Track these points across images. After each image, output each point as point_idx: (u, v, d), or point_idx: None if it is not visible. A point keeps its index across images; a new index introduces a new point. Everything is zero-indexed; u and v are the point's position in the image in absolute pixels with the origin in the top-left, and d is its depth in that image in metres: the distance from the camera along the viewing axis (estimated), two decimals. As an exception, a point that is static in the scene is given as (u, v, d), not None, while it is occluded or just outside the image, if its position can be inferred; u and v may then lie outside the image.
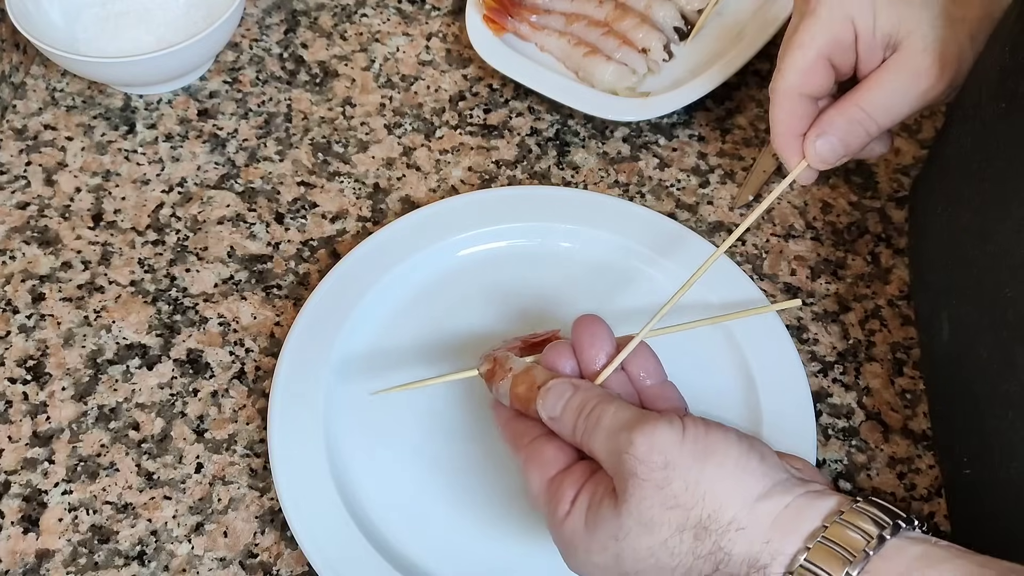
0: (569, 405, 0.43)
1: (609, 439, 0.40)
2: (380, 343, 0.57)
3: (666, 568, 0.38)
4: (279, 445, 0.52)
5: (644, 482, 0.38)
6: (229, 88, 0.69)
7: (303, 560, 0.50)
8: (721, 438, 0.38)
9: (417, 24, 0.73)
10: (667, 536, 0.38)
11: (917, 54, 0.47)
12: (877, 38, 0.48)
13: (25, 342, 0.57)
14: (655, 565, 0.38)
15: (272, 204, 0.64)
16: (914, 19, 0.47)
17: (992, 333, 0.46)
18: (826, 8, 0.48)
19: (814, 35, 0.48)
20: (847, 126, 0.48)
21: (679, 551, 0.38)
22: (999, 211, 0.46)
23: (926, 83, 0.48)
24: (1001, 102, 0.47)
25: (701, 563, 0.37)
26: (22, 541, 0.51)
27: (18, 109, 0.68)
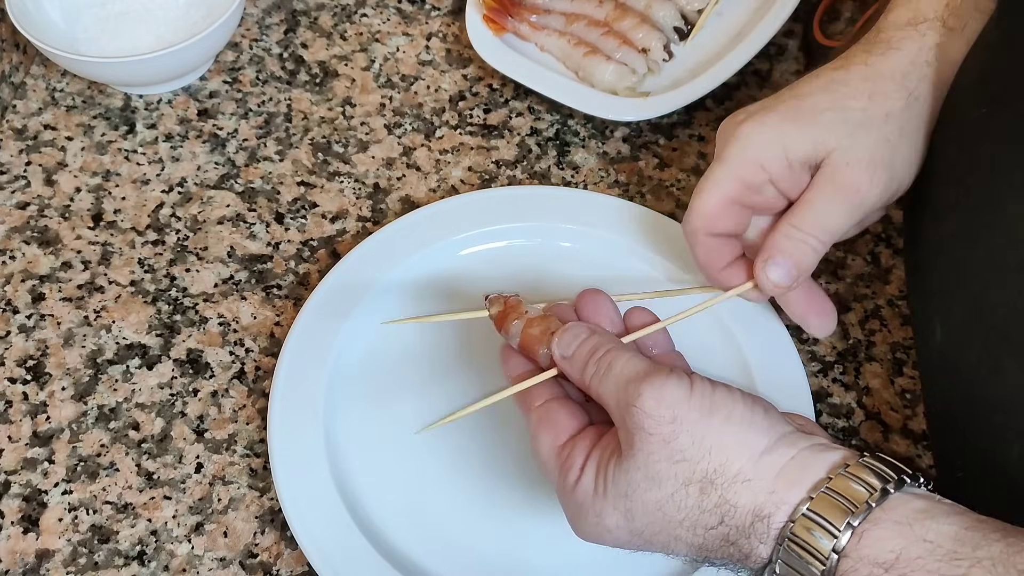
0: (583, 346, 0.43)
1: (618, 388, 0.40)
2: (380, 343, 0.57)
3: (673, 521, 0.39)
4: (279, 445, 0.51)
5: (651, 436, 0.38)
6: (229, 88, 0.69)
7: (303, 560, 0.50)
8: (727, 394, 0.39)
9: (417, 24, 0.73)
10: (674, 490, 0.38)
11: (841, 169, 0.45)
12: (795, 168, 0.46)
13: (25, 342, 0.57)
14: (663, 519, 0.39)
15: (272, 204, 0.64)
16: (829, 137, 0.46)
17: (980, 337, 0.46)
18: (733, 153, 0.47)
19: (719, 181, 0.47)
20: (793, 247, 0.47)
21: (685, 504, 0.38)
22: (984, 216, 0.46)
23: (858, 195, 0.46)
24: (982, 107, 0.47)
25: (707, 516, 0.38)
26: (22, 541, 0.51)
27: (18, 109, 0.68)
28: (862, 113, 0.46)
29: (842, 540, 0.35)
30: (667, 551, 0.40)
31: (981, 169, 0.47)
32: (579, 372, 0.43)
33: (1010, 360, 0.43)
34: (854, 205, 0.46)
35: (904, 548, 0.35)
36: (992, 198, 0.45)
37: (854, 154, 0.45)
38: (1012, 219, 0.43)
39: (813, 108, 0.46)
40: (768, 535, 0.37)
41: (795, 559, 0.36)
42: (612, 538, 0.40)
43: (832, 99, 0.46)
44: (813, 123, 0.46)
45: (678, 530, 0.39)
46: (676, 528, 0.39)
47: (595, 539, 0.41)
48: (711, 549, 0.39)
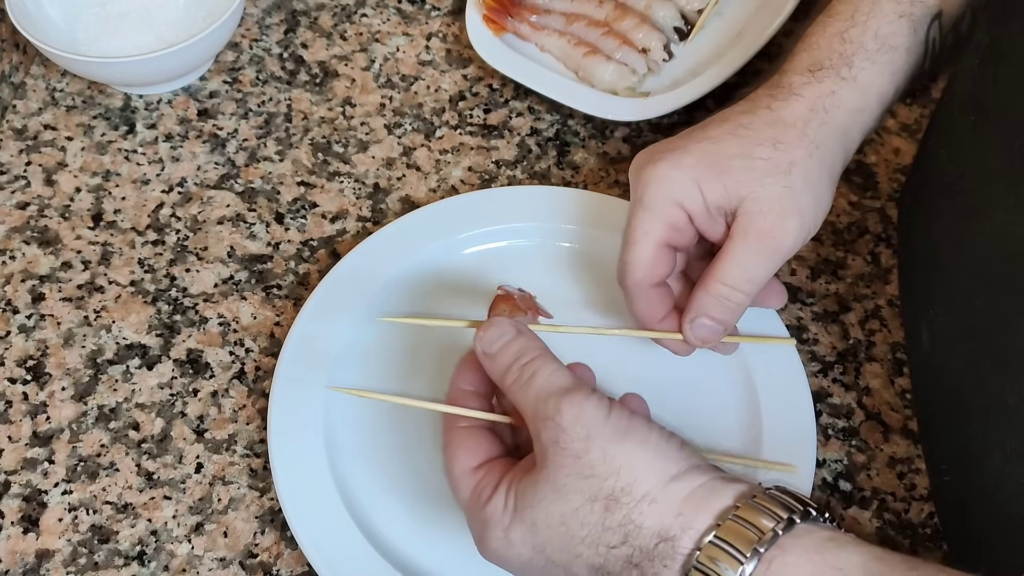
0: (509, 347, 0.43)
1: (538, 400, 0.40)
2: (380, 343, 0.57)
3: (576, 538, 0.38)
4: (279, 445, 0.51)
5: (564, 450, 0.39)
6: (229, 88, 0.69)
7: (303, 560, 0.50)
8: (643, 423, 0.40)
9: (417, 24, 0.73)
10: (579, 505, 0.38)
11: (755, 217, 0.46)
12: (711, 212, 0.47)
13: (25, 342, 0.57)
14: (565, 534, 0.39)
15: (272, 204, 0.64)
16: (740, 184, 0.46)
17: (964, 344, 0.46)
18: (652, 196, 0.47)
19: (648, 229, 0.47)
20: (717, 304, 0.47)
21: (589, 520, 0.38)
22: (971, 224, 0.46)
23: (772, 243, 0.46)
24: (971, 115, 0.47)
25: (610, 534, 0.38)
26: (22, 541, 0.51)
27: (18, 109, 0.68)
28: (767, 162, 0.46)
29: (748, 568, 0.35)
30: (568, 571, 0.39)
31: (968, 177, 0.47)
32: (500, 374, 0.42)
33: (991, 368, 0.43)
34: (771, 251, 0.46)
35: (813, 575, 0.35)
36: (978, 206, 0.45)
37: (765, 203, 0.46)
38: (997, 228, 0.43)
39: (724, 154, 0.47)
40: (674, 560, 0.37)
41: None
42: (515, 554, 0.40)
43: (740, 145, 0.47)
44: (725, 170, 0.46)
45: (580, 547, 0.38)
46: (578, 545, 0.38)
47: (500, 555, 0.41)
48: (613, 573, 0.38)
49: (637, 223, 0.48)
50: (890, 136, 0.68)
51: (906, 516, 0.53)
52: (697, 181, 0.46)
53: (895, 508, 0.53)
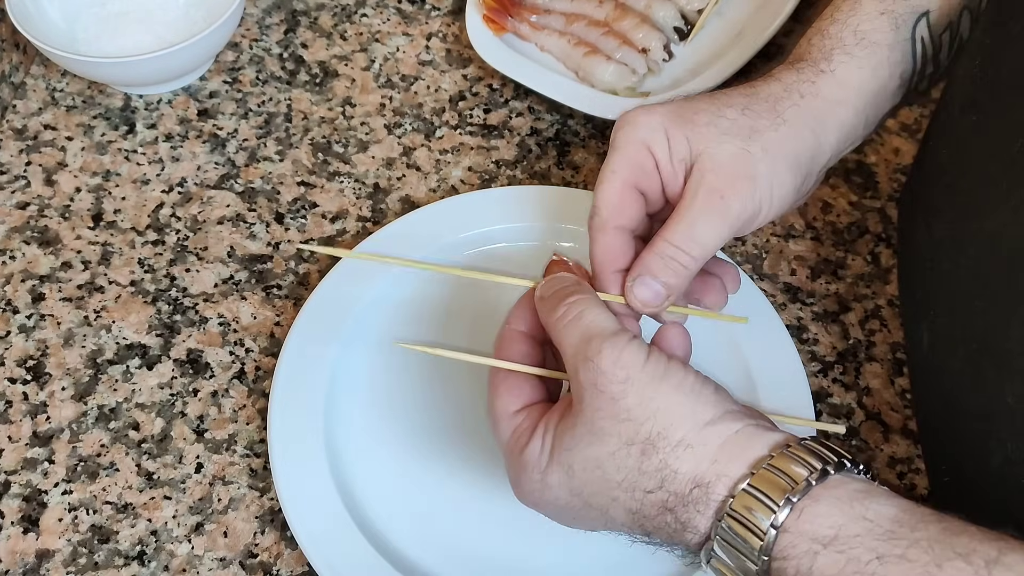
0: (560, 291, 0.44)
1: (580, 339, 0.41)
2: (380, 343, 0.57)
3: (612, 481, 0.39)
4: (279, 445, 0.51)
5: (601, 393, 0.39)
6: (229, 88, 0.69)
7: (303, 560, 0.50)
8: (680, 368, 0.40)
9: (417, 24, 0.73)
10: (615, 448, 0.39)
11: (707, 174, 0.46)
12: (675, 163, 0.47)
13: (25, 342, 0.57)
14: (601, 477, 0.39)
15: (272, 204, 0.64)
16: (701, 139, 0.46)
17: (963, 344, 0.46)
18: (623, 138, 0.47)
19: (616, 167, 0.47)
20: (662, 263, 0.46)
21: (625, 464, 0.39)
22: (971, 224, 0.46)
23: (720, 203, 0.46)
24: (972, 115, 0.47)
25: (646, 479, 0.38)
26: (22, 541, 0.51)
27: (18, 109, 0.68)
28: (731, 123, 0.47)
29: (780, 516, 0.36)
30: (604, 518, 0.40)
31: (969, 177, 0.47)
32: (549, 313, 0.43)
33: (991, 370, 0.43)
34: (720, 212, 0.46)
35: (843, 525, 0.35)
36: (978, 207, 0.45)
37: (719, 160, 0.46)
38: (997, 228, 0.43)
39: (693, 109, 0.47)
40: (707, 506, 0.37)
41: (733, 535, 0.37)
42: (552, 497, 0.41)
43: (710, 105, 0.47)
44: (689, 123, 0.47)
45: (616, 491, 0.39)
46: (614, 489, 0.39)
47: (536, 499, 0.42)
48: (648, 516, 0.39)
49: (607, 163, 0.48)
50: (890, 136, 0.68)
51: (906, 516, 0.53)
52: (665, 128, 0.47)
53: (895, 508, 0.53)
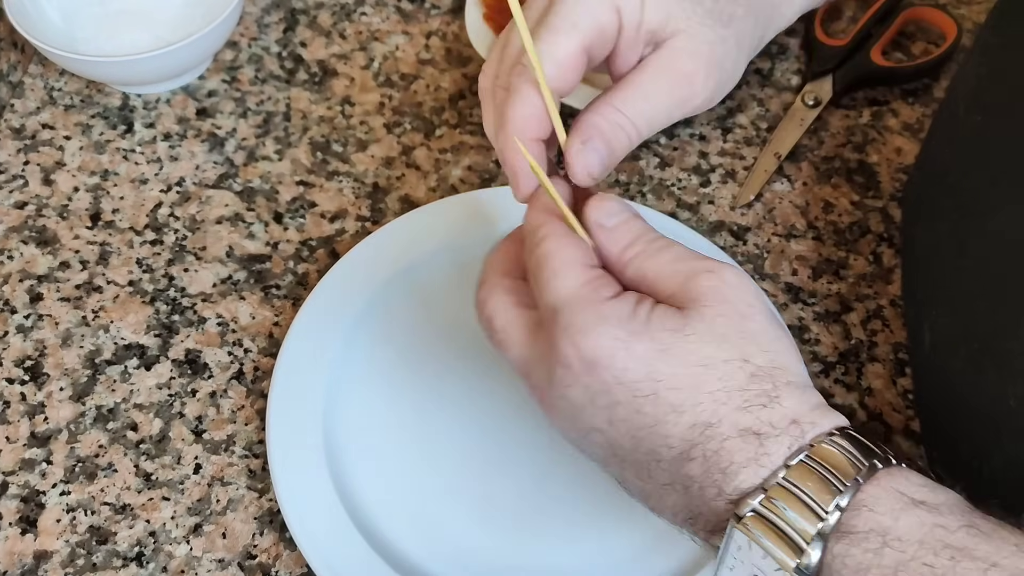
0: (631, 222, 0.39)
1: (686, 261, 0.37)
2: (379, 343, 0.56)
3: (708, 384, 0.35)
4: (278, 446, 0.51)
5: (727, 302, 0.35)
6: (228, 87, 0.69)
7: (302, 561, 0.50)
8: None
9: (416, 23, 0.73)
10: (729, 358, 0.35)
11: (681, 56, 0.41)
12: (641, 33, 0.41)
13: (23, 342, 0.57)
14: (699, 376, 0.35)
15: (271, 203, 0.63)
16: (683, 16, 0.42)
17: (965, 345, 0.46)
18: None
19: (576, 20, 0.40)
20: (610, 130, 0.41)
21: (731, 376, 0.35)
22: (974, 224, 0.46)
23: (687, 89, 0.42)
24: (977, 115, 0.47)
25: (748, 397, 0.35)
26: (20, 542, 0.51)
27: (16, 108, 0.67)
28: (714, 5, 0.43)
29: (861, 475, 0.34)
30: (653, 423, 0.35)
31: (974, 177, 0.47)
32: (621, 247, 0.38)
33: (993, 371, 0.43)
34: (682, 99, 0.42)
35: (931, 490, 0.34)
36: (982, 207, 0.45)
37: (697, 45, 0.42)
38: (1000, 229, 0.43)
39: None
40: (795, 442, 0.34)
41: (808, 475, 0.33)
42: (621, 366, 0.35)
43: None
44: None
45: (704, 396, 0.34)
46: (704, 392, 0.34)
47: (597, 357, 0.35)
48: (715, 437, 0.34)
49: (566, 12, 0.40)
50: (892, 135, 0.67)
51: (908, 517, 0.53)
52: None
53: (897, 509, 0.53)
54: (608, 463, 0.38)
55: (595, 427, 0.36)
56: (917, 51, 0.72)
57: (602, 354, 0.35)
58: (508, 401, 0.55)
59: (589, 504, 0.51)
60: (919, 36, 0.73)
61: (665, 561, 0.49)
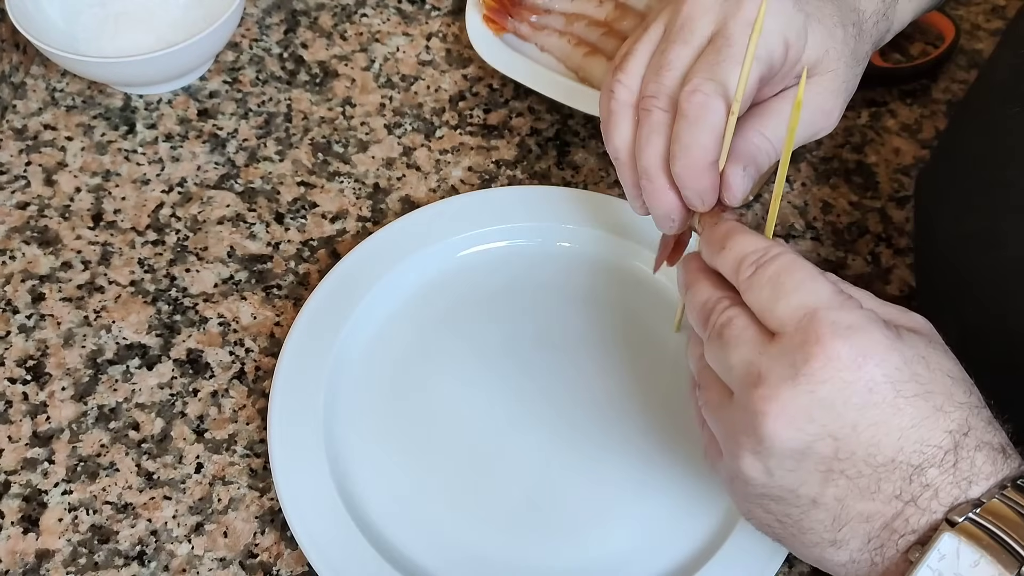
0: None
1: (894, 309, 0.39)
2: (380, 343, 0.57)
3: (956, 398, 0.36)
4: (279, 445, 0.51)
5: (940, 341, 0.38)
6: (229, 88, 0.69)
7: (303, 560, 0.50)
8: None
9: (417, 24, 0.73)
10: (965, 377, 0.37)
11: (826, 94, 0.43)
12: (797, 67, 0.43)
13: (25, 342, 0.57)
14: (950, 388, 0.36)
15: (272, 204, 0.64)
16: (836, 56, 0.43)
17: (996, 341, 0.46)
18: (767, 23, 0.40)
19: (760, 54, 0.41)
20: (760, 156, 0.42)
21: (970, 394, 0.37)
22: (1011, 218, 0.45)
23: (825, 122, 0.44)
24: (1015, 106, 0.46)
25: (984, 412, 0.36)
26: (22, 541, 0.51)
27: (18, 109, 0.68)
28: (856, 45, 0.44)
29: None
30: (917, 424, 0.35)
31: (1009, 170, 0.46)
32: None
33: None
34: (818, 130, 0.44)
35: None
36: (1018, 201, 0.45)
37: (839, 84, 0.43)
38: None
39: (826, 12, 0.43)
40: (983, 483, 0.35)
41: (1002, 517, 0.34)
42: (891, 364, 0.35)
43: (837, 11, 0.43)
44: (831, 29, 0.42)
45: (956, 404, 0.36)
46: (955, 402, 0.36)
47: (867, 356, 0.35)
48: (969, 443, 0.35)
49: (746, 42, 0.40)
50: (890, 136, 0.68)
51: (906, 516, 0.53)
52: (806, 25, 0.41)
53: (895, 508, 0.53)
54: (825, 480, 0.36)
55: (832, 432, 0.35)
56: (915, 52, 0.72)
57: (876, 349, 0.35)
58: (508, 400, 0.55)
59: (589, 503, 0.51)
60: (917, 37, 0.73)
61: (665, 561, 0.50)
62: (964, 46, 0.72)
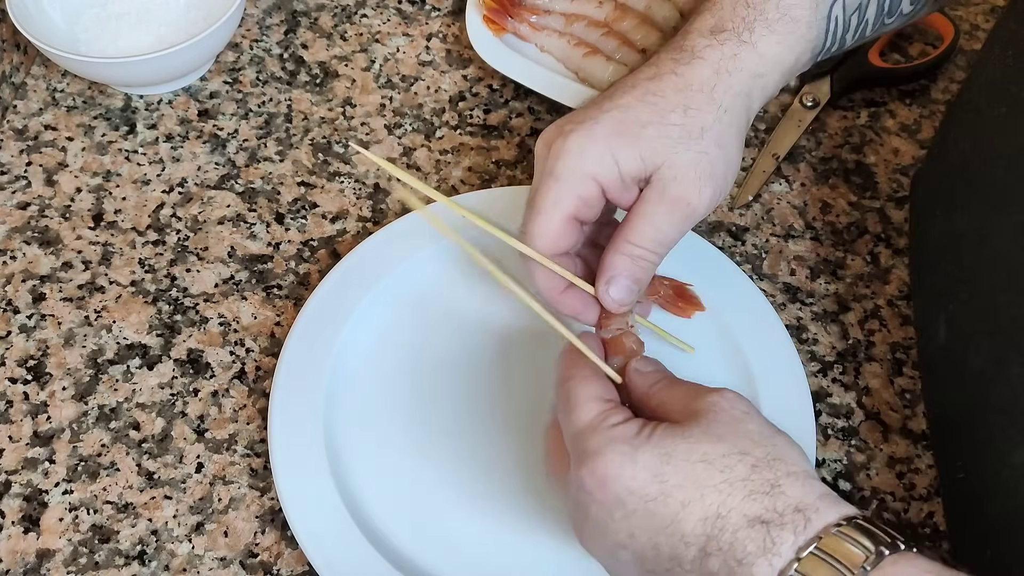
0: (659, 370, 0.45)
1: (691, 389, 0.42)
2: (380, 343, 0.57)
3: (711, 477, 0.38)
4: (279, 445, 0.52)
5: (724, 411, 0.39)
6: (229, 88, 0.69)
7: (303, 560, 0.50)
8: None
9: (417, 24, 0.73)
10: (728, 452, 0.38)
11: (670, 184, 0.46)
12: (626, 181, 0.47)
13: (26, 342, 0.57)
14: (702, 471, 0.38)
15: (272, 204, 0.64)
16: (655, 153, 0.46)
17: (986, 338, 0.46)
18: (565, 169, 0.46)
19: (557, 199, 0.46)
20: (631, 264, 0.47)
21: (733, 469, 0.38)
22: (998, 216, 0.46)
23: (686, 208, 0.47)
24: (1002, 106, 0.47)
25: (752, 487, 0.37)
26: (23, 541, 0.51)
27: (19, 109, 0.68)
28: (680, 128, 0.47)
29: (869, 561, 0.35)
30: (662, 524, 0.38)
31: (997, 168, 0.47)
32: (647, 385, 0.44)
33: (1016, 363, 0.43)
34: (686, 217, 0.47)
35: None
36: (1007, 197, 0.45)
37: (680, 169, 0.46)
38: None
39: (637, 122, 0.47)
40: (802, 531, 0.36)
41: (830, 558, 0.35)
42: (628, 475, 0.38)
43: (652, 112, 0.47)
44: (639, 138, 0.46)
45: (709, 488, 0.37)
46: (709, 486, 0.37)
47: (609, 475, 0.39)
48: (727, 529, 0.37)
49: (546, 192, 0.47)
50: (889, 136, 0.68)
51: (905, 516, 0.53)
52: (612, 151, 0.46)
53: (895, 508, 0.53)
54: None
55: (619, 543, 0.39)
56: (915, 52, 0.72)
57: (611, 469, 0.39)
58: (508, 400, 0.55)
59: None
60: (917, 37, 0.73)
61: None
62: (963, 46, 0.72)
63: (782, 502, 0.37)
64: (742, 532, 0.37)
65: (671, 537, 0.38)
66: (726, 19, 0.49)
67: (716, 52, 0.48)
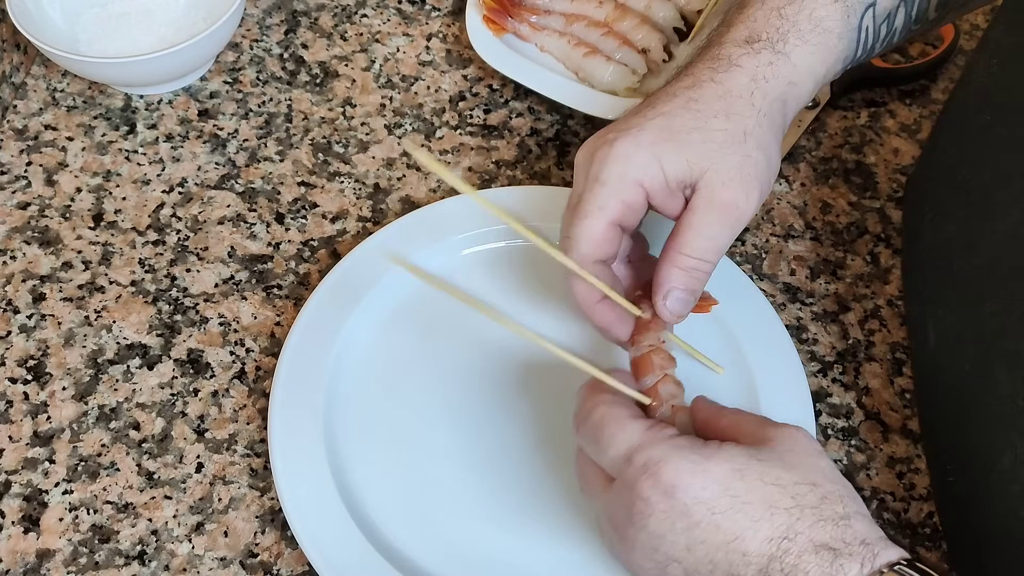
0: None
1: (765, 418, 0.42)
2: (380, 343, 0.57)
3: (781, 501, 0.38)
4: (279, 445, 0.52)
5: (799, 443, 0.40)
6: (229, 88, 0.69)
7: (303, 560, 0.50)
8: None
9: (417, 24, 0.73)
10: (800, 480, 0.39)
11: (718, 189, 0.46)
12: (672, 187, 0.47)
13: (26, 342, 0.57)
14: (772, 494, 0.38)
15: (272, 204, 0.64)
16: (701, 158, 0.46)
17: (974, 344, 0.46)
18: (611, 174, 0.47)
19: (603, 204, 0.47)
20: (686, 276, 0.47)
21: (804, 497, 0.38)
22: (984, 223, 0.46)
23: (736, 213, 0.47)
24: (987, 114, 0.47)
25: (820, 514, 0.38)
26: (23, 541, 0.51)
27: (19, 109, 0.68)
28: (724, 133, 0.47)
29: None
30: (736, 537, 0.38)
31: (983, 175, 0.47)
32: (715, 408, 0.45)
33: (1003, 369, 0.43)
34: (736, 221, 0.47)
35: None
36: (992, 206, 0.45)
37: (727, 173, 0.46)
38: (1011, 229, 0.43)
39: (682, 128, 0.47)
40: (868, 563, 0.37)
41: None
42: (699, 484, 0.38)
43: (695, 118, 0.47)
44: (685, 144, 0.47)
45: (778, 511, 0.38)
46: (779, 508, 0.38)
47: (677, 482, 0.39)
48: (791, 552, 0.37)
49: (591, 197, 0.47)
50: (889, 136, 0.68)
51: (905, 516, 0.53)
52: (657, 157, 0.46)
53: (894, 508, 0.53)
54: None
55: (673, 556, 0.39)
56: (915, 53, 0.72)
57: (681, 478, 0.39)
58: (507, 401, 0.55)
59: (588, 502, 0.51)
60: (916, 38, 0.73)
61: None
62: (963, 47, 0.72)
63: (850, 534, 0.38)
64: (807, 556, 0.37)
65: (731, 554, 0.38)
66: (759, 29, 0.50)
67: (752, 60, 0.49)
